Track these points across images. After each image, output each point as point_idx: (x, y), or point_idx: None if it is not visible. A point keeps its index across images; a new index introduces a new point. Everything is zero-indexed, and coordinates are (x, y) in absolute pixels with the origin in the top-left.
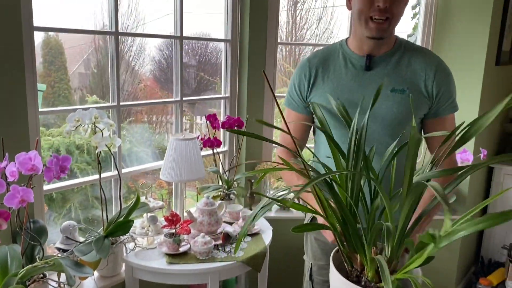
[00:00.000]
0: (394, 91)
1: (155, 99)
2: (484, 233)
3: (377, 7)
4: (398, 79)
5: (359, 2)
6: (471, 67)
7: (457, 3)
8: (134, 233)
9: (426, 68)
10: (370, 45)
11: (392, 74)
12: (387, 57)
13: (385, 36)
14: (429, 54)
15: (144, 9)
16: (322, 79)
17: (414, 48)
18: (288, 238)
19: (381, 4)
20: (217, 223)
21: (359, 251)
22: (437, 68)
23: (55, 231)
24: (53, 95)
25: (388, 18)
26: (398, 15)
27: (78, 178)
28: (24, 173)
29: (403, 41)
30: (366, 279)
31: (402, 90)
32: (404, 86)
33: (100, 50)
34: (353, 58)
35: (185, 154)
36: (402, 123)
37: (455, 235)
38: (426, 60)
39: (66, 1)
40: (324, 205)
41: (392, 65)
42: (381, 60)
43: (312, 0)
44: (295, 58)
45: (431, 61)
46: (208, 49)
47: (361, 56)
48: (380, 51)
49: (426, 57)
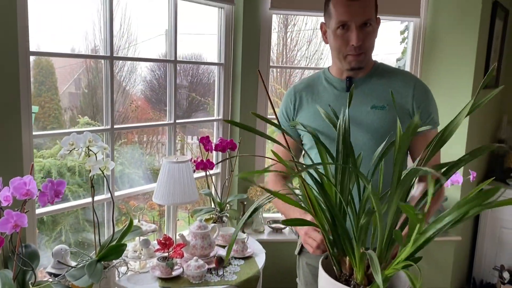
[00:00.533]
0: (375, 107)
1: (147, 119)
2: (476, 254)
3: (352, 46)
4: (378, 97)
5: (336, 41)
6: (459, 90)
7: (444, 28)
8: (127, 257)
9: (404, 86)
10: (348, 72)
11: (372, 93)
12: (366, 79)
13: (362, 66)
14: (406, 74)
15: (136, 30)
16: (307, 102)
17: (391, 69)
18: (281, 261)
19: (355, 43)
20: (210, 246)
21: (348, 251)
22: (415, 86)
23: (46, 255)
24: (44, 115)
25: (363, 52)
26: (371, 47)
27: (69, 200)
28: (18, 198)
29: (380, 64)
30: (355, 282)
31: (382, 107)
32: (384, 103)
33: (91, 70)
34: (334, 81)
35: (178, 177)
36: (384, 136)
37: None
38: (404, 79)
39: (57, 21)
40: (313, 204)
41: (371, 85)
42: (360, 81)
43: (302, 22)
44: (286, 79)
45: (409, 80)
46: (200, 69)
47: (342, 79)
48: (358, 75)
49: (404, 76)
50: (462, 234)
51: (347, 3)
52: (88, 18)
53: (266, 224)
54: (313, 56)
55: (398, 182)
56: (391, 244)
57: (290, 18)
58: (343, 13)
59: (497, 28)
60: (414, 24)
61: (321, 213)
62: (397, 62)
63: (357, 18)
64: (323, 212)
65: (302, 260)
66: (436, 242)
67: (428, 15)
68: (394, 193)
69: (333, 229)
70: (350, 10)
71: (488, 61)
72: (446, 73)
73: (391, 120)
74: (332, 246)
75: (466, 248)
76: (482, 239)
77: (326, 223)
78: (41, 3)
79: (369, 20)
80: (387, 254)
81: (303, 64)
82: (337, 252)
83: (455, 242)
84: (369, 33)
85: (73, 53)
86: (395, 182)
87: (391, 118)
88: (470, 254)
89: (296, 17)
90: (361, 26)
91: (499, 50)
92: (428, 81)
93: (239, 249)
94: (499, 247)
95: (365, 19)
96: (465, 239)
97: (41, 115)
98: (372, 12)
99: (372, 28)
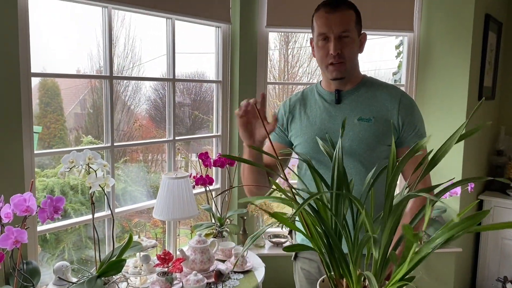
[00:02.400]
0: (361, 119)
1: (150, 138)
2: (478, 265)
3: (331, 54)
4: (365, 110)
5: (318, 52)
6: (454, 103)
7: (438, 41)
8: (127, 273)
9: (390, 100)
10: (336, 84)
11: (360, 106)
12: (354, 91)
13: (344, 76)
14: (392, 87)
15: (140, 50)
16: (299, 113)
17: (379, 83)
18: (281, 275)
19: (333, 52)
20: (209, 261)
21: (345, 273)
22: (400, 100)
23: (48, 272)
24: (49, 136)
25: (342, 62)
26: (352, 56)
27: (72, 218)
28: (18, 215)
29: (369, 78)
30: None
31: (368, 119)
32: (370, 116)
33: (96, 90)
34: (324, 94)
35: (178, 193)
36: (370, 148)
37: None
38: (390, 93)
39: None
40: (310, 228)
41: (359, 98)
42: (348, 94)
43: (303, 39)
44: (288, 95)
45: (395, 94)
46: (202, 88)
47: (331, 92)
48: (346, 87)
49: (390, 90)
50: (462, 246)
51: (326, 16)
52: (93, 39)
53: (266, 239)
54: (315, 72)
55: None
56: (385, 265)
57: (291, 35)
58: (322, 25)
59: (491, 41)
60: (408, 38)
61: (318, 236)
62: (394, 76)
63: (335, 29)
64: (319, 236)
65: (297, 265)
66: (437, 254)
67: (422, 30)
68: (387, 218)
69: (329, 252)
70: (328, 22)
71: (482, 73)
72: (441, 86)
73: (376, 132)
74: (329, 269)
75: (468, 260)
76: (485, 250)
77: (323, 246)
78: (48, 26)
79: (346, 32)
80: (381, 275)
81: (305, 80)
82: (334, 274)
83: (456, 253)
84: (347, 43)
85: (74, 74)
86: (388, 208)
87: (376, 130)
88: (472, 265)
89: (297, 34)
90: (339, 37)
91: (494, 62)
92: (424, 94)
93: (238, 263)
94: (502, 258)
95: (342, 29)
96: (466, 250)
97: (46, 136)
98: (351, 25)
99: (350, 39)
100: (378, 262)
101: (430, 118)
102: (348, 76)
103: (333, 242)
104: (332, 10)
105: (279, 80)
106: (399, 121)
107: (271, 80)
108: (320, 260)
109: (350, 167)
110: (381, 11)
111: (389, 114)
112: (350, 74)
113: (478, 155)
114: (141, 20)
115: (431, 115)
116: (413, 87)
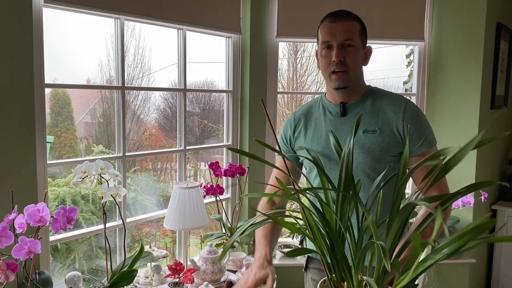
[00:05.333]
0: (366, 131)
1: (160, 147)
2: (492, 277)
3: (333, 62)
4: (370, 122)
5: (321, 61)
6: (466, 111)
7: (449, 50)
8: (138, 283)
9: (395, 110)
10: (340, 95)
11: (365, 118)
12: (359, 103)
13: (347, 85)
14: (397, 97)
15: (149, 60)
16: (305, 127)
17: (384, 93)
18: (292, 285)
19: (335, 59)
20: (220, 271)
21: (346, 277)
22: (405, 109)
23: (59, 282)
24: (60, 145)
25: (345, 70)
26: (355, 66)
27: (83, 228)
28: (32, 225)
29: (373, 89)
30: None
31: (374, 131)
32: (375, 127)
33: (106, 100)
34: (329, 107)
35: (189, 202)
36: (376, 160)
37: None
38: (394, 103)
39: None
40: (313, 230)
41: (364, 109)
42: (353, 106)
43: (312, 48)
44: (297, 104)
45: (399, 103)
46: (211, 97)
47: (336, 104)
48: (351, 99)
49: (395, 100)
50: (476, 257)
51: (330, 25)
52: (104, 49)
53: (277, 249)
54: (323, 81)
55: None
56: (387, 271)
57: (300, 45)
58: (326, 34)
59: (503, 49)
60: (419, 47)
61: (320, 237)
62: (404, 85)
63: (338, 36)
64: (322, 237)
65: (308, 276)
66: (450, 265)
67: (432, 38)
68: (392, 224)
69: (331, 254)
70: (332, 31)
71: (495, 82)
72: (452, 95)
73: (382, 144)
74: (330, 271)
75: (482, 270)
76: (499, 261)
77: (325, 247)
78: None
79: (349, 40)
80: (383, 281)
81: (313, 89)
82: (335, 277)
83: (470, 264)
84: (350, 52)
85: (86, 84)
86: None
87: (382, 141)
88: (486, 276)
89: (305, 44)
90: (343, 45)
91: (506, 70)
92: (435, 103)
93: None
94: None
95: (345, 37)
96: (480, 261)
97: (57, 145)
98: (355, 34)
99: (354, 49)
100: (380, 267)
101: (442, 127)
102: (351, 87)
103: (336, 245)
104: (336, 19)
105: (287, 89)
106: (405, 131)
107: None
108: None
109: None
110: (392, 20)
111: (394, 124)
112: (353, 85)
113: (491, 165)
114: (150, 30)
115: (443, 124)
116: (424, 96)
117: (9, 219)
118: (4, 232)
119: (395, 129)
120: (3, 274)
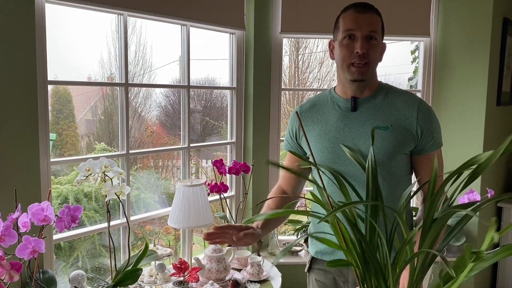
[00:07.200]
0: (378, 128)
1: (162, 144)
2: (498, 276)
3: (356, 54)
4: (382, 118)
5: (341, 50)
6: (472, 108)
7: (454, 46)
8: (142, 282)
9: (408, 108)
10: (353, 89)
11: (376, 114)
12: (370, 99)
13: (365, 78)
14: (410, 95)
15: (151, 57)
16: (312, 122)
17: (396, 90)
18: (297, 285)
19: (359, 50)
20: (225, 270)
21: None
22: (419, 108)
23: (63, 281)
24: (61, 142)
25: (366, 63)
26: (375, 60)
27: (86, 226)
28: (36, 224)
29: (385, 85)
30: None
31: (386, 127)
32: (387, 124)
33: (107, 97)
34: (339, 101)
35: (193, 200)
36: (388, 157)
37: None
38: (407, 101)
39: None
40: (345, 238)
41: (376, 105)
42: (365, 101)
43: (314, 44)
44: (299, 101)
45: (412, 101)
46: (213, 94)
47: (347, 99)
48: (363, 94)
49: (408, 97)
50: None
51: (355, 15)
52: (104, 46)
53: (281, 247)
54: (325, 78)
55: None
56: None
57: (302, 41)
58: (351, 23)
59: (509, 45)
60: (424, 43)
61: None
62: (409, 81)
63: (363, 28)
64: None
65: (312, 276)
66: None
67: (438, 34)
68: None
69: (363, 266)
70: (357, 21)
71: (501, 78)
72: (458, 91)
73: (394, 141)
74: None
75: (487, 269)
76: (504, 260)
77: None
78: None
79: (374, 33)
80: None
81: (315, 86)
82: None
83: None
84: (373, 45)
85: (89, 81)
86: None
87: (394, 138)
88: (491, 274)
89: (307, 40)
90: (366, 37)
91: None
92: (441, 99)
93: (254, 272)
94: None
95: (371, 29)
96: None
97: (59, 142)
98: (378, 27)
99: (376, 42)
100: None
101: (448, 124)
102: (367, 80)
103: (370, 255)
104: (363, 10)
105: (289, 86)
106: (418, 129)
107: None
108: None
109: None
110: (397, 16)
111: (407, 122)
112: (369, 79)
113: (497, 162)
114: (152, 26)
115: (449, 121)
116: (429, 93)
117: (12, 218)
118: (8, 231)
119: (407, 127)
120: (7, 274)
